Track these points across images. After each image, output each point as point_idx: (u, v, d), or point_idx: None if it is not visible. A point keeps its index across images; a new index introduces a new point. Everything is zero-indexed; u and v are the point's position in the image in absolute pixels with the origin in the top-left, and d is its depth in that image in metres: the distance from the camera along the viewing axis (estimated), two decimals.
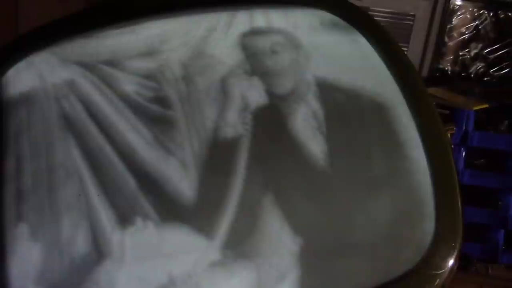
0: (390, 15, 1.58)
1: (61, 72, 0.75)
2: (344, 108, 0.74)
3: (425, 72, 1.67)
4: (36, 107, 0.73)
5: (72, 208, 0.66)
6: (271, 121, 0.72)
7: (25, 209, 0.67)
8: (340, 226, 0.68)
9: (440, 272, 0.69)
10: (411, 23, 1.58)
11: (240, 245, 0.65)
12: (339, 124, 0.73)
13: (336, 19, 0.82)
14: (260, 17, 0.79)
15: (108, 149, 0.69)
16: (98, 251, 0.64)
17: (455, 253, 0.70)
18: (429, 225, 0.69)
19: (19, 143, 0.71)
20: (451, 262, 0.70)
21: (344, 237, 0.67)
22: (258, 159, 0.69)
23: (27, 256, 0.64)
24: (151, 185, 0.67)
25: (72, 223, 0.65)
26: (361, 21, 0.85)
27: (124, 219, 0.65)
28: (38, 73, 0.76)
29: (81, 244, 0.64)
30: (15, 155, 0.70)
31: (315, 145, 0.70)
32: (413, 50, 1.63)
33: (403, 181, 0.72)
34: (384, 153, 0.73)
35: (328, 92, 0.75)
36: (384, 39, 0.85)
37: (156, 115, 0.71)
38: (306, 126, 0.72)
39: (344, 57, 0.80)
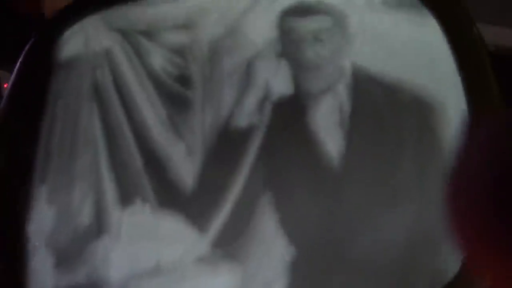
0: None
1: (103, 39, 0.76)
2: (378, 104, 0.65)
3: None
4: (76, 73, 0.75)
5: (84, 178, 0.68)
6: (291, 112, 0.66)
7: (49, 171, 0.70)
8: (343, 241, 0.61)
9: None
10: None
11: (230, 244, 0.62)
12: (366, 122, 0.65)
13: None
14: None
15: (125, 123, 0.69)
16: (99, 225, 0.65)
17: None
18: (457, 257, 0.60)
19: (56, 105, 0.73)
20: None
21: (345, 254, 0.60)
22: (266, 154, 0.65)
23: (43, 217, 0.68)
24: (156, 167, 0.66)
25: (82, 193, 0.67)
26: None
27: (126, 197, 0.65)
28: (85, 38, 0.77)
29: (85, 215, 0.66)
30: (51, 117, 0.73)
31: (332, 143, 0.63)
32: None
33: (434, 197, 0.62)
34: (418, 161, 0.64)
35: (363, 83, 0.66)
36: (462, 26, 0.72)
37: (176, 95, 0.69)
38: (328, 120, 0.64)
39: (399, 42, 0.69)
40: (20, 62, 0.76)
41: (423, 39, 0.68)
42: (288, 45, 0.69)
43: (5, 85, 1.36)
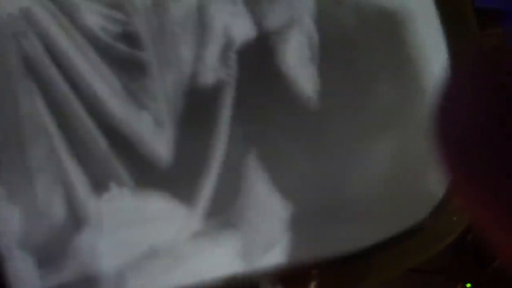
0: None
1: None
2: (346, 27, 0.60)
3: None
4: None
5: (45, 170, 0.61)
6: (258, 58, 0.60)
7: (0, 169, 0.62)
8: (335, 184, 0.59)
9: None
10: None
11: (224, 213, 0.58)
12: (336, 51, 0.60)
13: None
14: None
15: (74, 101, 0.60)
16: (75, 219, 0.60)
17: None
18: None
19: None
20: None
21: (340, 197, 0.59)
22: (242, 109, 0.59)
23: (9, 219, 0.61)
24: (123, 145, 0.59)
25: (46, 186, 0.60)
26: None
27: (98, 184, 0.59)
28: None
29: (57, 210, 0.60)
30: None
31: (306, 82, 0.58)
32: None
33: (417, 120, 0.60)
34: (393, 81, 0.61)
35: (330, 8, 0.60)
36: None
37: (125, 57, 0.61)
38: (299, 58, 0.59)
39: None
40: None
41: None
42: None
43: None
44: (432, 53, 0.61)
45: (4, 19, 0.63)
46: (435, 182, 0.61)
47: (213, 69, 0.59)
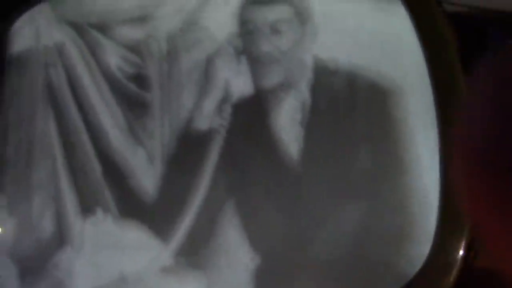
0: None
1: (55, 33, 0.72)
2: (337, 96, 0.63)
3: None
4: (27, 71, 0.71)
5: (44, 187, 0.66)
6: (252, 114, 0.64)
7: (6, 180, 0.68)
8: (306, 242, 0.61)
9: None
10: None
11: (194, 254, 0.61)
12: (324, 116, 0.63)
13: None
14: None
15: (81, 128, 0.66)
16: (61, 236, 0.64)
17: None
18: (420, 249, 0.60)
19: (9, 111, 0.70)
20: None
21: (308, 255, 0.60)
22: (228, 159, 0.63)
23: (4, 228, 0.66)
24: (116, 175, 0.64)
25: (42, 202, 0.66)
26: None
27: (87, 207, 0.64)
28: (35, 31, 0.73)
29: (47, 226, 0.65)
30: (4, 123, 0.70)
31: (292, 143, 0.61)
32: None
33: (392, 194, 0.61)
34: (377, 155, 0.62)
35: (325, 77, 0.64)
36: (432, 14, 0.69)
37: (133, 96, 0.66)
38: (290, 120, 0.63)
39: (365, 32, 0.67)
40: None
41: (390, 28, 0.66)
42: (246, 39, 0.66)
43: None
44: (419, 131, 0.63)
45: (40, 50, 0.71)
46: (405, 261, 0.61)
47: (208, 118, 0.63)
